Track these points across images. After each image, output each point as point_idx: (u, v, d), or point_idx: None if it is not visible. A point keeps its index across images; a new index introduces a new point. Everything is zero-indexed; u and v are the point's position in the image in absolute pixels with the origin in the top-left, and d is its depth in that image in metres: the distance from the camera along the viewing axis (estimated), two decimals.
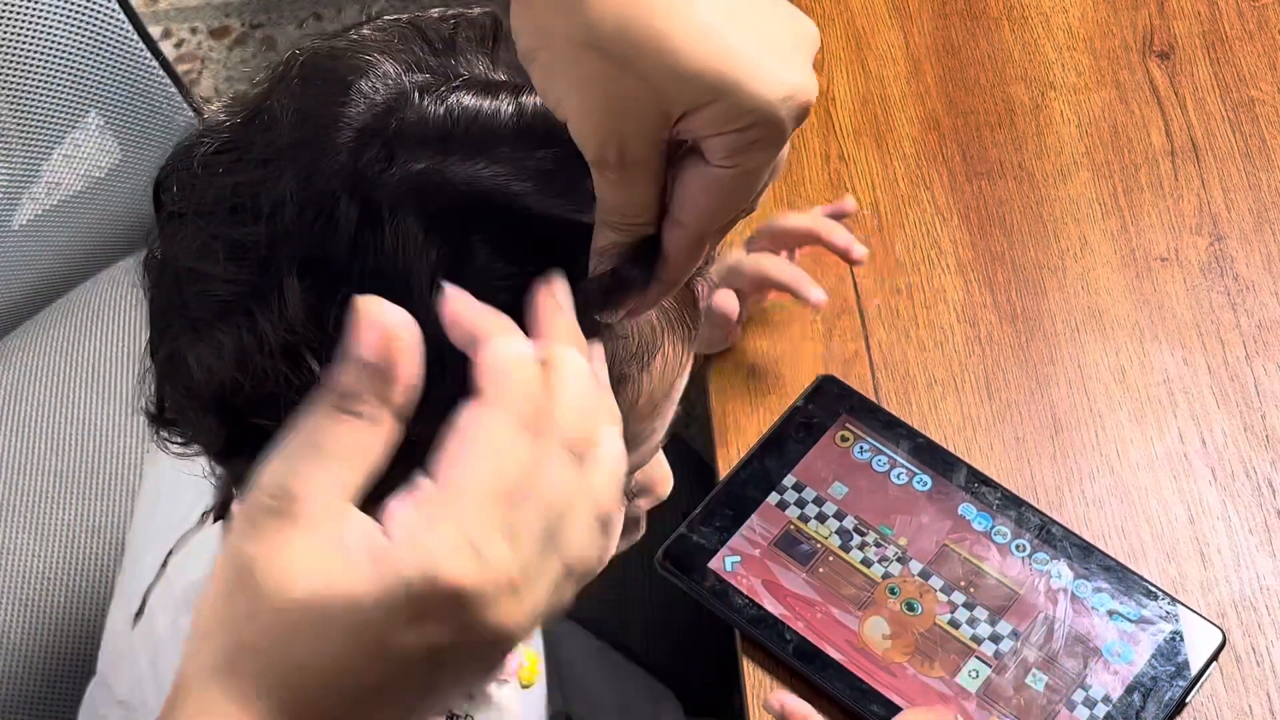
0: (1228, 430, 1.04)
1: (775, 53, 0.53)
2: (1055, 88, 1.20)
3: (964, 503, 1.00)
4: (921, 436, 1.03)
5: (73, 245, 1.34)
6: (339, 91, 0.60)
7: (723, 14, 0.53)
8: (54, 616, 1.23)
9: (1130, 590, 0.96)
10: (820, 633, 0.96)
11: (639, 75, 0.52)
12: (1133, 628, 0.95)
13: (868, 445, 1.03)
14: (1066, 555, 0.98)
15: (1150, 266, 1.11)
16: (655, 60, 0.52)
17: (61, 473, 1.27)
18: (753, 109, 0.53)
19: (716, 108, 0.53)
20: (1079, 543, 0.98)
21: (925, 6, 1.25)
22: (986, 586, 0.97)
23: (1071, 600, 0.96)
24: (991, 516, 1.00)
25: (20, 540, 1.25)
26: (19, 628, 1.22)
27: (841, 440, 1.03)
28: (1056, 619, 0.96)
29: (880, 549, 0.99)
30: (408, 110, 0.60)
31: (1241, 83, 1.18)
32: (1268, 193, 1.13)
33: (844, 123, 1.20)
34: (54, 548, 1.25)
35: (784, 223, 1.05)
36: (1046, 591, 0.97)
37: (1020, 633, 0.95)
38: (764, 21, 0.54)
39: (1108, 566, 0.97)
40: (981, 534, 0.99)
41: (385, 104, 0.60)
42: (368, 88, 0.60)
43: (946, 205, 1.15)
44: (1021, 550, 0.98)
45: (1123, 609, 0.96)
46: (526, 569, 0.52)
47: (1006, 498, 1.00)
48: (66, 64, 1.20)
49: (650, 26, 0.52)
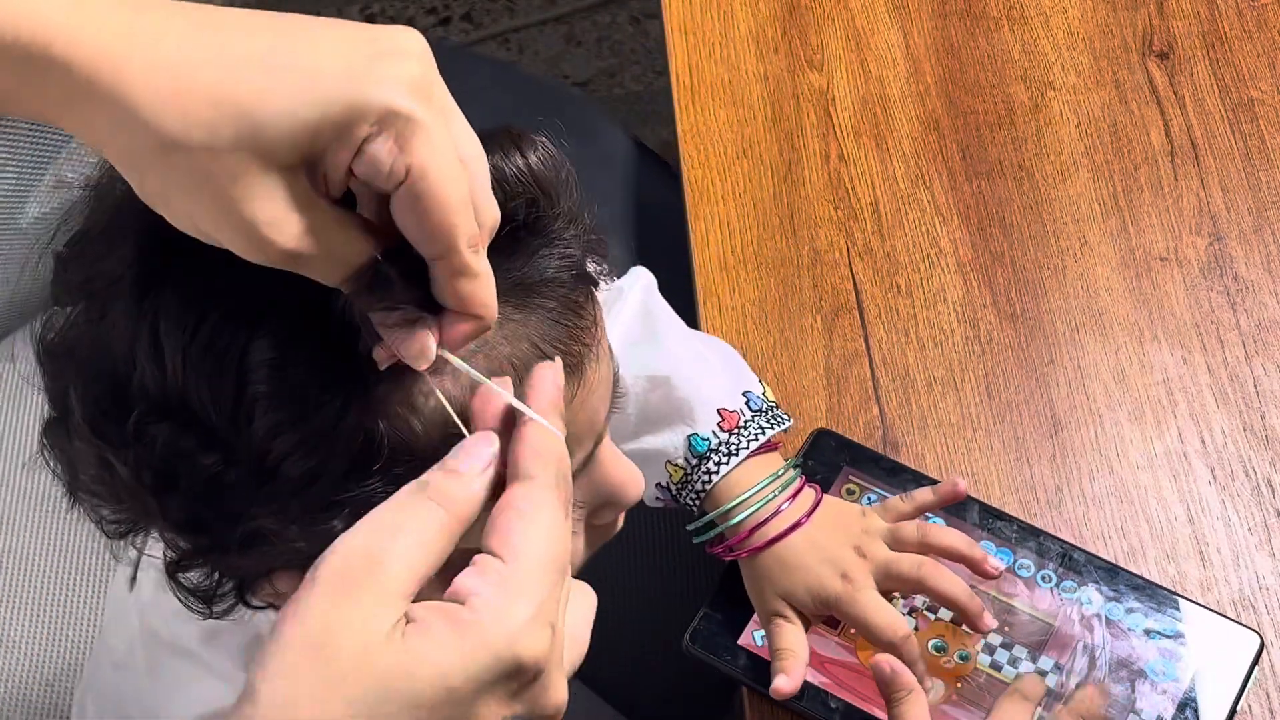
0: (1227, 430, 1.04)
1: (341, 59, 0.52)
2: (1055, 88, 1.20)
3: (982, 540, 0.98)
4: (926, 479, 1.01)
5: None
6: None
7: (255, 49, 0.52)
8: (53, 615, 1.23)
9: (1162, 606, 0.95)
10: (864, 695, 0.93)
11: (227, 159, 0.52)
12: (1171, 644, 0.94)
13: (875, 496, 1.01)
14: (1093, 579, 0.96)
15: (1150, 266, 1.11)
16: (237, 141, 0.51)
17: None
18: (349, 112, 0.52)
19: (327, 139, 0.52)
20: (1103, 565, 0.97)
21: (925, 6, 1.25)
22: (1020, 623, 0.95)
23: (1107, 625, 0.95)
24: (1012, 551, 0.98)
25: (23, 538, 1.25)
26: (18, 626, 1.22)
27: (848, 494, 1.01)
28: (1096, 646, 0.94)
29: (907, 600, 0.96)
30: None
31: (1241, 83, 1.19)
32: (1267, 193, 1.14)
33: (844, 123, 1.20)
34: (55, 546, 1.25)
35: (935, 539, 0.96)
36: (1080, 620, 0.95)
37: (1063, 665, 0.93)
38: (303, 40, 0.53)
39: (1136, 585, 0.96)
40: (1005, 570, 0.97)
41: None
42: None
43: (946, 205, 1.15)
44: (1048, 581, 0.97)
45: (1159, 626, 0.94)
46: (563, 655, 0.56)
47: (1023, 529, 0.98)
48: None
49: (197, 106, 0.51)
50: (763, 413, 0.99)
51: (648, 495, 0.99)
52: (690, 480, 0.97)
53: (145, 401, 0.60)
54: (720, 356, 1.03)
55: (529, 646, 0.53)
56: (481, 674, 0.52)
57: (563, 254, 0.64)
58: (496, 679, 0.52)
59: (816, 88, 1.22)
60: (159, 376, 0.59)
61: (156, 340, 0.59)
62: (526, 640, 0.52)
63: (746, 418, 0.98)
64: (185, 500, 0.61)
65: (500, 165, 0.61)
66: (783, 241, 1.15)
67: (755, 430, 0.98)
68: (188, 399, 0.59)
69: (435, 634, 0.52)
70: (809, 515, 0.95)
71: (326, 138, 0.52)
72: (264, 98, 0.51)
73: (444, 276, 0.56)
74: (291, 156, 0.52)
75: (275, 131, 0.52)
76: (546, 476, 0.56)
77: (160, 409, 0.60)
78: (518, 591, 0.53)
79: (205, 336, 0.58)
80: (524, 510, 0.55)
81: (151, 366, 0.59)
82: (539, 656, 0.53)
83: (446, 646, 0.52)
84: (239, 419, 0.58)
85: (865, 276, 1.12)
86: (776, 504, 0.95)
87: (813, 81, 1.22)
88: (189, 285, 0.59)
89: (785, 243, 1.15)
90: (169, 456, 0.60)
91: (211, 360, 0.58)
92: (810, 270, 1.13)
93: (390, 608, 0.52)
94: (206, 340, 0.58)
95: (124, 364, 0.60)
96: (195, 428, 0.59)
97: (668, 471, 0.98)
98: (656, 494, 1.00)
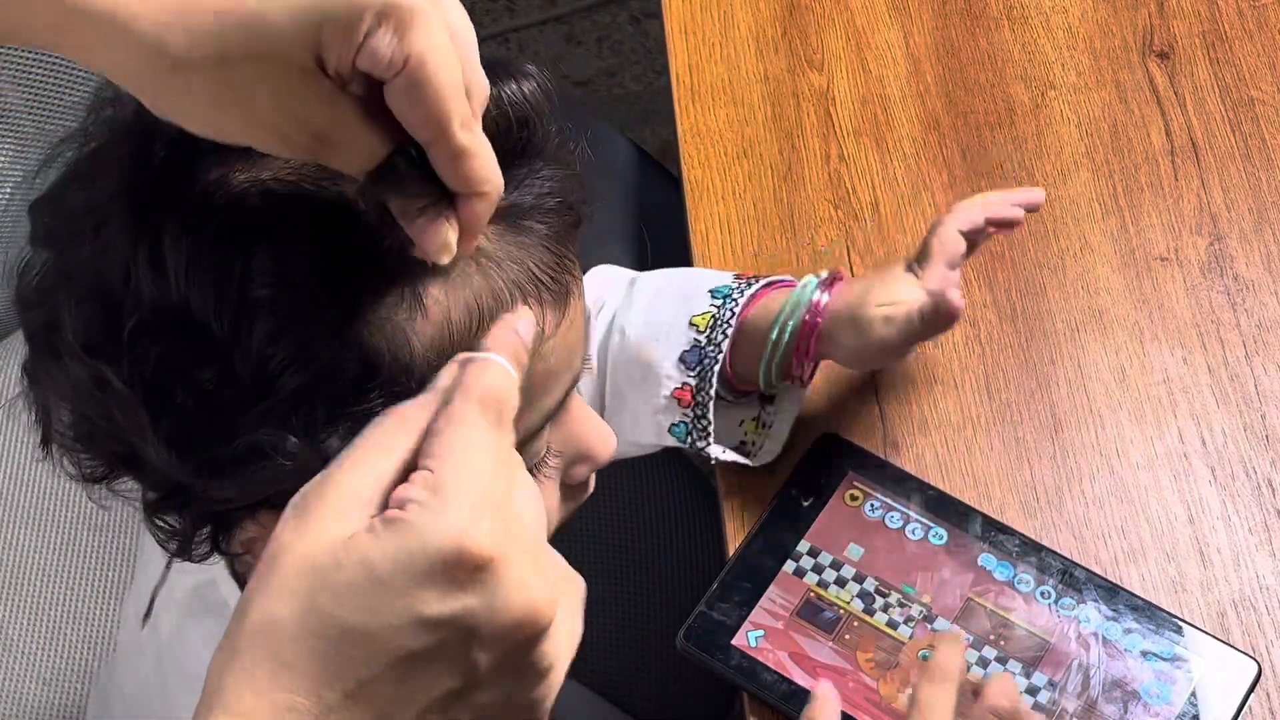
0: (1228, 430, 1.04)
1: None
2: (1055, 87, 1.20)
3: (983, 553, 0.98)
4: (932, 488, 1.01)
5: None
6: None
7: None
8: (52, 614, 1.23)
9: (1160, 628, 0.95)
10: (855, 702, 0.93)
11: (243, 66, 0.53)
12: (1168, 667, 0.93)
13: (878, 502, 1.01)
14: (1093, 598, 0.96)
15: (1150, 266, 1.11)
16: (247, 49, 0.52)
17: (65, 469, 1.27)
18: (351, 8, 0.53)
19: (331, 36, 0.53)
20: (1104, 584, 0.97)
21: (925, 6, 1.25)
22: (1016, 638, 0.95)
23: (1104, 644, 0.94)
24: (1013, 565, 0.98)
25: (21, 536, 1.25)
26: (17, 625, 1.22)
27: (851, 500, 1.01)
28: (1091, 665, 0.94)
29: (904, 609, 0.96)
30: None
31: (1241, 82, 1.18)
32: (1268, 192, 1.13)
33: (844, 123, 1.20)
34: (54, 545, 1.25)
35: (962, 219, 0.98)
36: (1077, 638, 0.95)
37: (1057, 683, 0.93)
38: None
39: (1135, 605, 0.96)
40: (1005, 584, 0.97)
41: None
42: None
43: (946, 205, 1.15)
44: (1047, 597, 0.96)
45: (1155, 648, 0.94)
46: (538, 543, 0.56)
47: (1025, 544, 0.98)
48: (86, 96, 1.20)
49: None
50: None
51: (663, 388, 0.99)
52: (719, 318, 0.98)
53: (141, 313, 0.60)
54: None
55: (469, 535, 0.53)
56: (411, 563, 0.52)
57: (553, 180, 0.66)
58: (432, 569, 0.52)
59: (816, 87, 1.22)
60: (160, 287, 0.60)
61: (159, 252, 0.60)
62: (467, 529, 0.53)
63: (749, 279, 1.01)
64: (180, 415, 0.62)
65: (496, 90, 0.62)
66: (783, 241, 1.15)
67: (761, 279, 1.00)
68: (190, 308, 0.60)
69: (372, 534, 0.53)
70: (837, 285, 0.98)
71: (331, 35, 0.53)
72: (265, 4, 0.52)
73: (443, 158, 0.57)
74: (303, 57, 0.53)
75: (282, 35, 0.52)
76: (463, 401, 0.57)
77: (157, 321, 0.60)
78: (449, 489, 0.54)
79: (209, 244, 0.60)
80: (439, 429, 0.56)
81: (152, 277, 0.60)
82: (484, 545, 0.53)
83: (377, 539, 0.53)
84: (240, 326, 0.60)
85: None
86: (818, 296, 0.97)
87: (813, 81, 1.22)
88: (191, 199, 0.60)
89: (785, 243, 1.15)
90: (165, 369, 0.61)
91: (217, 267, 0.59)
92: (810, 270, 1.13)
93: (342, 521, 0.54)
94: (211, 248, 0.60)
95: (119, 281, 0.61)
96: (194, 340, 0.60)
97: (694, 326, 0.98)
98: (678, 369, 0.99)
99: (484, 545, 0.53)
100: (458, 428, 0.56)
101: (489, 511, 0.54)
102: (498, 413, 0.57)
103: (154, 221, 0.60)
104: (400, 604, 0.52)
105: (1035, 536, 1.00)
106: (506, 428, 0.58)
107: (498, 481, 0.55)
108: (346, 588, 0.52)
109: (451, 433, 0.56)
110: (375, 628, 0.52)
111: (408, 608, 0.52)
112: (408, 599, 0.52)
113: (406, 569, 0.52)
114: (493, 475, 0.55)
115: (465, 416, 0.56)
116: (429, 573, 0.52)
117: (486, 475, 0.55)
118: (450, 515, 0.53)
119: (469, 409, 0.56)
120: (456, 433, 0.56)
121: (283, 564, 0.53)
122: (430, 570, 0.52)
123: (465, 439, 0.55)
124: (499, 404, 0.57)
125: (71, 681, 1.20)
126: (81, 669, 1.21)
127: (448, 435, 0.55)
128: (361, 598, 0.52)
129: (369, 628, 0.52)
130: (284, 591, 0.53)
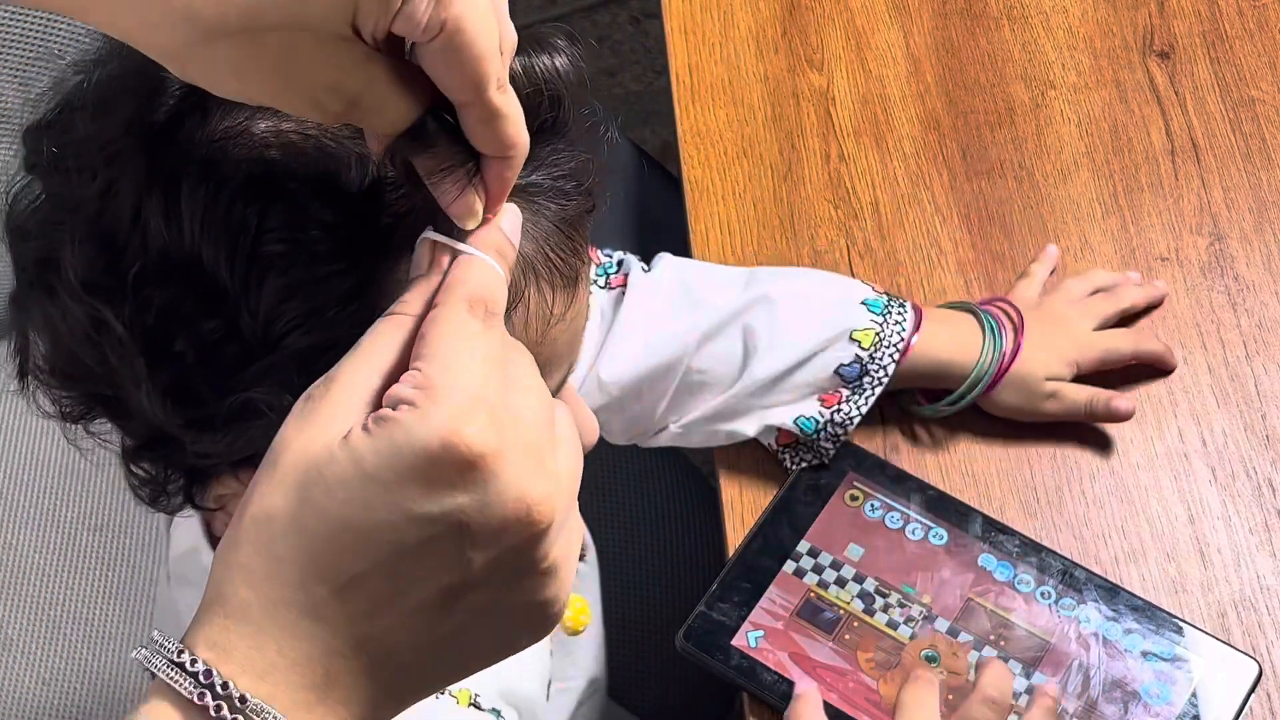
0: (1228, 430, 1.04)
1: None
2: (1055, 87, 1.20)
3: (983, 553, 0.98)
4: (932, 489, 1.01)
5: None
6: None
7: None
8: (52, 614, 1.23)
9: (1161, 628, 0.95)
10: (854, 702, 0.93)
11: (276, 34, 0.52)
12: (1168, 667, 0.93)
13: (878, 502, 1.01)
14: (1093, 598, 0.96)
15: (1150, 266, 1.11)
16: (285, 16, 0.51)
17: (67, 468, 1.27)
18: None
19: (368, 3, 0.52)
20: (1104, 584, 0.97)
21: (925, 6, 1.25)
22: (1017, 638, 0.95)
23: (1104, 645, 0.94)
24: (1013, 565, 0.98)
25: (22, 535, 1.25)
26: (17, 625, 1.22)
27: (851, 500, 1.01)
28: (1091, 665, 0.94)
29: (905, 609, 0.96)
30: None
31: (1241, 82, 1.18)
32: (1268, 192, 1.13)
33: (844, 122, 1.20)
34: (54, 544, 1.25)
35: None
36: (1078, 638, 0.95)
37: (1057, 683, 0.93)
38: None
39: (1135, 606, 0.96)
40: (1005, 584, 0.97)
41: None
42: None
43: (946, 205, 1.15)
44: (1047, 597, 0.96)
45: (1156, 649, 0.94)
46: (540, 441, 0.55)
47: (1025, 544, 0.98)
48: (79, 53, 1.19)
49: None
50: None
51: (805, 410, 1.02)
52: (884, 338, 1.01)
53: (148, 258, 0.60)
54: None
55: (460, 433, 0.52)
56: (400, 460, 0.52)
57: (572, 162, 0.66)
58: (421, 466, 0.52)
59: (816, 87, 1.22)
60: (172, 233, 0.59)
61: (175, 197, 0.59)
62: (458, 427, 0.52)
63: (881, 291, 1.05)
64: (178, 365, 0.61)
65: (529, 62, 0.62)
66: (783, 241, 1.15)
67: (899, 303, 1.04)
68: (201, 257, 0.59)
69: (365, 432, 0.53)
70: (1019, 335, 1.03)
71: (369, 3, 0.52)
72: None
73: (475, 120, 0.56)
74: (339, 24, 0.53)
75: (319, 6, 0.52)
76: (450, 299, 0.56)
77: (165, 268, 0.60)
78: (439, 387, 0.53)
79: (227, 195, 0.59)
80: (427, 330, 0.56)
81: (164, 223, 0.59)
82: (474, 443, 0.52)
83: (370, 438, 0.52)
84: (250, 280, 0.59)
85: (865, 276, 1.12)
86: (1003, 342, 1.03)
87: (813, 81, 1.22)
88: (209, 144, 0.60)
89: (785, 243, 1.14)
90: (168, 317, 0.60)
91: (233, 218, 0.59)
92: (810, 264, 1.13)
93: (341, 420, 0.53)
94: (229, 198, 0.59)
95: (127, 222, 0.60)
96: (202, 290, 0.60)
97: (855, 340, 1.00)
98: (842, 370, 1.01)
99: (473, 443, 0.52)
100: (444, 327, 0.55)
101: (481, 410, 0.53)
102: (485, 309, 0.57)
103: (169, 164, 0.60)
104: (390, 499, 0.52)
105: (1035, 536, 1.00)
106: (497, 325, 0.57)
107: (489, 380, 0.54)
108: (339, 483, 0.52)
109: (438, 333, 0.55)
110: (366, 523, 0.52)
111: (397, 503, 0.52)
112: (397, 495, 0.52)
113: (395, 466, 0.52)
114: (483, 374, 0.54)
115: (452, 316, 0.56)
116: (417, 469, 0.52)
117: (476, 374, 0.54)
118: (439, 413, 0.52)
119: (456, 309, 0.56)
120: (444, 333, 0.55)
121: (283, 460, 0.53)
122: (418, 467, 0.52)
123: (453, 339, 0.55)
124: (487, 301, 0.57)
125: (71, 681, 1.20)
126: (81, 669, 1.21)
127: (434, 336, 0.55)
128: (352, 492, 0.52)
129: (359, 523, 0.52)
130: (281, 485, 0.53)
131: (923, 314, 1.03)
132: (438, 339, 0.55)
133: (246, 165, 0.59)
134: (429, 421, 0.52)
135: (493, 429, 0.53)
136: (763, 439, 1.03)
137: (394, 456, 0.52)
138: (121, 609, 1.23)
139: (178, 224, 0.59)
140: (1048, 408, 1.03)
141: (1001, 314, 1.04)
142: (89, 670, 1.21)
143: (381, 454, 0.52)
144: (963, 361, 1.02)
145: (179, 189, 0.59)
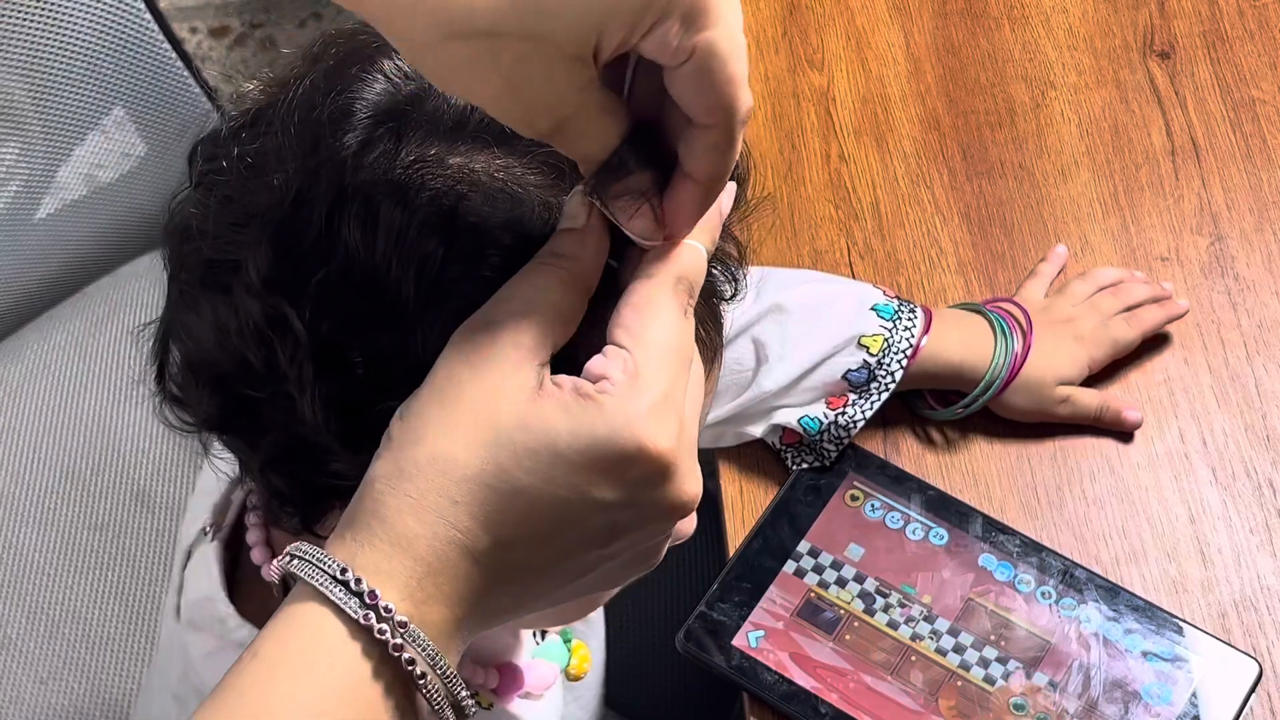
0: (1228, 430, 1.04)
1: None
2: (1055, 87, 1.20)
3: (984, 553, 0.98)
4: (932, 489, 1.01)
5: (93, 240, 1.34)
6: (364, 70, 0.62)
7: None
8: (52, 614, 1.23)
9: (1161, 628, 0.95)
10: (855, 702, 0.93)
11: (514, 43, 0.52)
12: (1169, 667, 0.93)
13: (879, 502, 1.01)
14: (1094, 598, 0.96)
15: (1151, 266, 1.11)
16: (538, 25, 0.52)
17: (67, 468, 1.27)
18: (644, 3, 0.52)
19: (617, 25, 0.52)
20: (1104, 584, 0.97)
21: (925, 6, 1.25)
22: (1017, 638, 0.95)
23: (1104, 645, 0.94)
24: (1013, 565, 0.98)
25: (22, 535, 1.25)
26: (16, 625, 1.22)
27: (851, 500, 1.01)
28: (1092, 665, 0.94)
29: (905, 609, 0.96)
30: (428, 97, 0.62)
31: (1242, 82, 1.18)
32: (1268, 192, 1.13)
33: (844, 122, 1.20)
34: (54, 544, 1.25)
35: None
36: (1078, 638, 0.95)
37: (1057, 683, 0.93)
38: None
39: (1136, 606, 0.95)
40: (1005, 584, 0.97)
41: (407, 89, 0.62)
42: (392, 69, 0.62)
43: (946, 205, 1.15)
44: (1047, 597, 0.96)
45: (1156, 649, 0.94)
46: (695, 440, 0.59)
47: (1026, 544, 0.98)
48: (89, 59, 1.20)
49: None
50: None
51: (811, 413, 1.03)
52: (893, 343, 1.01)
53: (333, 266, 0.61)
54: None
55: (653, 435, 0.55)
56: (592, 448, 0.55)
57: (738, 243, 0.68)
58: (611, 459, 0.55)
59: (816, 87, 1.22)
60: (366, 247, 0.60)
61: (372, 215, 0.60)
62: (651, 429, 0.55)
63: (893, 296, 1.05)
64: (347, 374, 0.62)
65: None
66: (783, 241, 1.14)
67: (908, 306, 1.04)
68: (388, 273, 0.60)
69: (559, 399, 0.55)
70: (1028, 333, 1.04)
71: (615, 28, 0.52)
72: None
73: (709, 143, 0.57)
74: (580, 46, 0.53)
75: (566, 24, 0.52)
76: (664, 275, 0.58)
77: (350, 278, 0.61)
78: (643, 379, 0.56)
79: (420, 219, 0.60)
80: (639, 304, 0.57)
81: (359, 237, 0.60)
82: (664, 449, 0.56)
83: (566, 413, 0.55)
84: (430, 301, 0.60)
85: (866, 276, 1.12)
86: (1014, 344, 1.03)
87: (813, 81, 1.22)
88: (405, 168, 0.61)
89: (785, 242, 1.14)
90: (347, 326, 0.61)
91: (424, 243, 0.60)
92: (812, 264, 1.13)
93: (519, 370, 0.56)
94: (421, 223, 0.60)
95: (315, 232, 0.61)
96: (383, 304, 0.61)
97: (863, 346, 1.00)
98: (850, 375, 1.01)
99: (662, 449, 0.55)
100: (656, 309, 0.57)
101: (671, 412, 0.56)
102: (689, 298, 0.59)
103: (363, 182, 0.61)
104: (573, 480, 0.55)
105: (1036, 537, 1.00)
106: (691, 317, 0.59)
107: (679, 378, 0.57)
108: (528, 452, 0.55)
109: (652, 314, 0.57)
110: (545, 493, 0.55)
111: (577, 485, 0.55)
112: (581, 477, 0.55)
113: (587, 454, 0.55)
114: (676, 370, 0.57)
115: (663, 299, 0.58)
116: (607, 460, 0.55)
117: (673, 370, 0.57)
118: (637, 407, 0.55)
119: (671, 294, 0.58)
120: (655, 315, 0.57)
121: (460, 404, 0.55)
122: (609, 459, 0.55)
123: (664, 326, 0.57)
124: (690, 290, 0.59)
125: (70, 681, 1.20)
126: (80, 668, 1.21)
127: (648, 316, 0.57)
128: (540, 464, 0.55)
129: (539, 492, 0.55)
130: (464, 432, 0.55)
131: (932, 316, 1.03)
132: (649, 320, 0.57)
133: (440, 194, 0.61)
134: (627, 413, 0.55)
135: (676, 432, 0.56)
136: (767, 438, 1.03)
137: (590, 445, 0.55)
138: (121, 609, 1.23)
139: (373, 237, 0.60)
140: (1059, 412, 1.04)
141: (1009, 315, 1.04)
142: (89, 670, 1.21)
143: (579, 438, 0.55)
144: (974, 363, 1.02)
145: (377, 205, 0.60)
